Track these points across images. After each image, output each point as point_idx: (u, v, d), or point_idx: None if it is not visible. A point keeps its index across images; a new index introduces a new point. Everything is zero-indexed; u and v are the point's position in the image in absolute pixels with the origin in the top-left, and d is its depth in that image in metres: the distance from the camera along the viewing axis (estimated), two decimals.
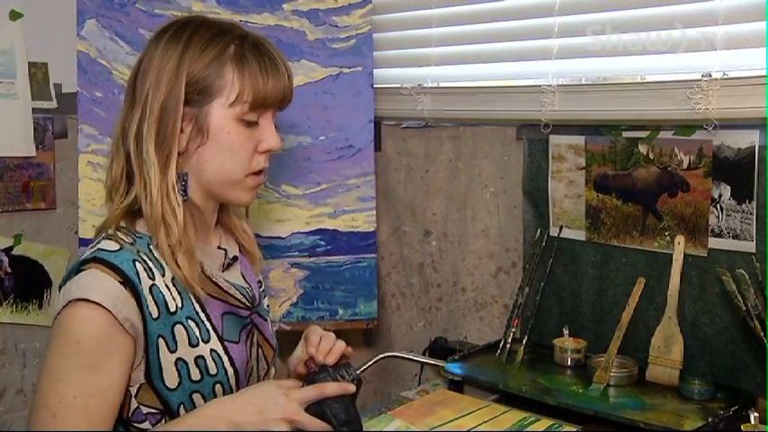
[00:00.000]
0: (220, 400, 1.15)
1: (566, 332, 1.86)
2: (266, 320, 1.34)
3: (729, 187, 1.62)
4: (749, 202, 1.59)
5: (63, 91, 2.16)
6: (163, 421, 1.15)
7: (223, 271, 1.27)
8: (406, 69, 2.16)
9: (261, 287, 1.38)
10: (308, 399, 1.11)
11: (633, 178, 1.77)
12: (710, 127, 1.59)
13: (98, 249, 1.11)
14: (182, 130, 1.14)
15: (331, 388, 1.12)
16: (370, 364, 1.25)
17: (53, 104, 2.16)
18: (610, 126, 1.79)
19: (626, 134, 1.76)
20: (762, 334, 1.48)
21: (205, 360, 1.16)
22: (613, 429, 1.48)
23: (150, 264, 1.13)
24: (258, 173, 1.20)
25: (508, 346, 1.87)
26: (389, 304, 2.31)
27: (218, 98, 1.13)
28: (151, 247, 1.15)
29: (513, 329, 1.90)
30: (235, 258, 1.30)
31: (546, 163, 1.91)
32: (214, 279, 1.23)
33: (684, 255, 1.69)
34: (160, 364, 1.13)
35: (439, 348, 2.02)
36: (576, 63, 1.83)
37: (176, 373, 1.14)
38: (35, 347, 2.22)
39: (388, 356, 1.33)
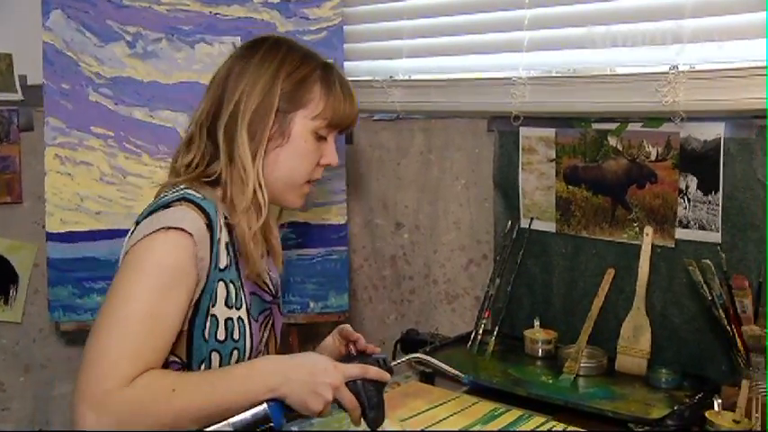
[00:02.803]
0: (271, 357, 1.22)
1: (536, 323, 1.87)
2: (281, 315, 1.41)
3: (696, 179, 1.63)
4: (715, 194, 1.61)
5: (28, 83, 2.12)
6: None
7: None
8: (378, 62, 2.16)
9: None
10: (351, 374, 1.18)
11: (603, 170, 1.78)
12: (678, 119, 1.60)
13: (185, 191, 1.19)
14: None
15: (373, 371, 1.19)
16: (400, 361, 1.31)
17: (18, 96, 2.12)
18: (580, 118, 1.80)
19: (595, 126, 1.78)
20: (726, 323, 1.50)
21: (233, 324, 1.21)
22: (582, 419, 1.49)
23: (220, 221, 1.21)
24: (312, 181, 1.34)
25: (479, 337, 1.88)
26: (361, 297, 2.31)
27: (303, 110, 1.27)
28: (217, 209, 1.22)
29: (485, 321, 1.91)
30: (267, 251, 1.39)
31: (517, 155, 1.92)
32: None
33: (653, 246, 1.71)
34: (205, 312, 1.17)
35: (410, 340, 2.03)
36: (546, 55, 1.84)
37: (207, 327, 1.19)
38: (1, 344, 2.19)
39: (415, 359, 1.37)
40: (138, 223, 1.16)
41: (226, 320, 1.21)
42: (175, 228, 1.11)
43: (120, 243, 1.14)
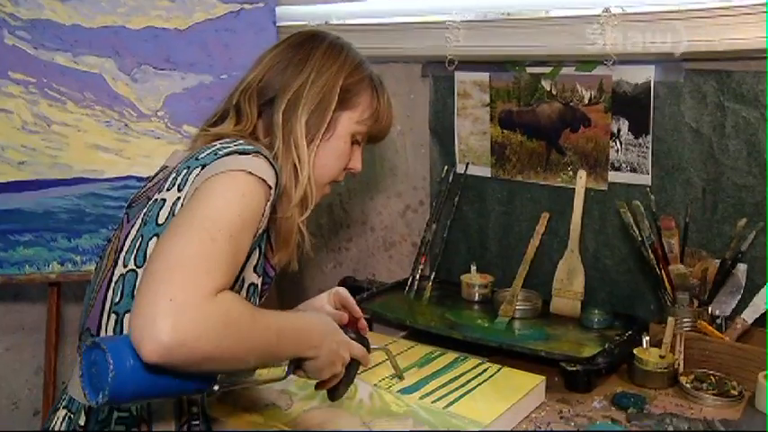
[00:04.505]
0: (316, 315, 1.23)
1: (473, 268, 1.89)
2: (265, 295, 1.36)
3: (627, 122, 1.65)
4: (645, 136, 1.63)
5: None
6: None
7: None
8: (312, 6, 2.10)
9: None
10: (354, 355, 1.21)
11: (537, 114, 1.78)
12: (609, 62, 1.61)
13: (260, 148, 1.15)
14: None
15: (367, 359, 1.25)
16: (375, 347, 1.35)
17: None
18: (514, 62, 1.79)
19: (529, 70, 1.77)
20: (655, 263, 1.54)
21: (254, 290, 1.20)
22: (516, 360, 1.51)
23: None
24: (333, 183, 1.36)
25: (416, 283, 1.89)
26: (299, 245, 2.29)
27: (351, 111, 1.31)
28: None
29: (422, 267, 1.91)
30: None
31: (452, 100, 1.91)
32: None
33: (586, 189, 1.73)
34: (240, 270, 1.13)
35: (348, 288, 2.00)
36: None
37: (236, 287, 1.16)
38: None
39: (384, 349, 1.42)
40: (203, 166, 1.10)
41: (249, 285, 1.19)
42: (258, 177, 1.08)
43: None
